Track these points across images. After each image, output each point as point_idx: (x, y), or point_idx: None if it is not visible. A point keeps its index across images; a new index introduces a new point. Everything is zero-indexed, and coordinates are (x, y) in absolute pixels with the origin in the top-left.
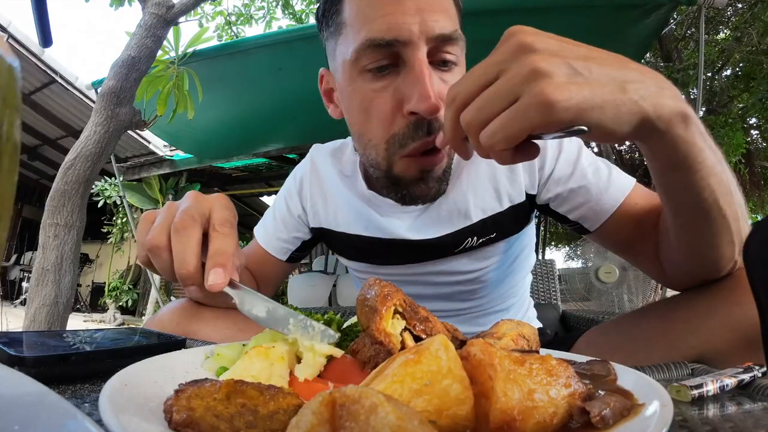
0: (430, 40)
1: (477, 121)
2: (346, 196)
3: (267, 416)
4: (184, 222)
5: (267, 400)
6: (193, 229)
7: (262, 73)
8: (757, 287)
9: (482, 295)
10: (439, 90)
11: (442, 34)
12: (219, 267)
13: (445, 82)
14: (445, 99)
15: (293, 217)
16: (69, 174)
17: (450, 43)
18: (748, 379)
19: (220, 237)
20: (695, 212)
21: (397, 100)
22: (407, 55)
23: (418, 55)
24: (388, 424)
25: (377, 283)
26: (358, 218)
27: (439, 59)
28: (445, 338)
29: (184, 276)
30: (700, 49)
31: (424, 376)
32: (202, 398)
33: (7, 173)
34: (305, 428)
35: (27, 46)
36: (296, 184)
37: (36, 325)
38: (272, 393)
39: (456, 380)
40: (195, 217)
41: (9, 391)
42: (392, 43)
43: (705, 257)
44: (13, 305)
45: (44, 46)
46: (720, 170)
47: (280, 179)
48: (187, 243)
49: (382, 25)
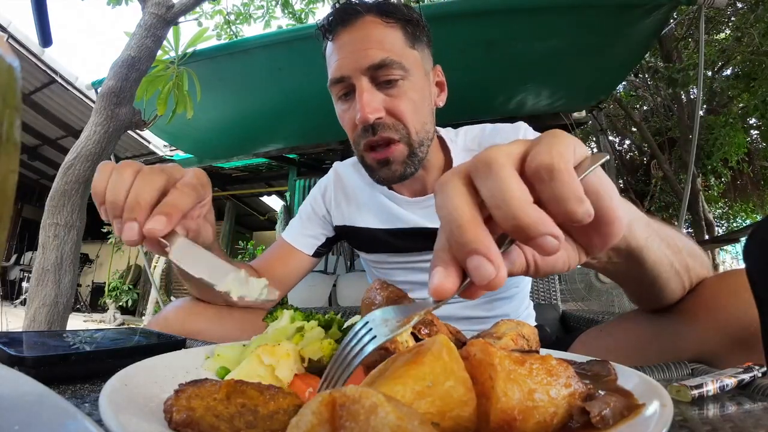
0: (365, 71)
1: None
2: (369, 195)
3: (267, 416)
4: (153, 170)
5: (267, 400)
6: (158, 176)
7: (262, 73)
8: (757, 287)
9: None
10: (385, 104)
11: (372, 64)
12: (163, 215)
13: (392, 96)
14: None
15: (318, 216)
16: (69, 174)
17: (384, 68)
18: (748, 379)
19: (176, 192)
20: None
21: (353, 116)
22: (354, 84)
23: (359, 84)
24: (388, 424)
25: (384, 287)
26: (379, 213)
27: (381, 81)
28: (446, 338)
29: (133, 206)
30: (700, 49)
31: (426, 378)
32: (202, 398)
33: (7, 173)
34: (305, 428)
35: (27, 46)
36: (321, 190)
37: (36, 325)
38: (272, 393)
39: (459, 381)
40: (164, 170)
41: (9, 391)
42: (342, 79)
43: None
44: (13, 305)
45: (44, 46)
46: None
47: (280, 179)
48: (149, 183)
49: (335, 67)
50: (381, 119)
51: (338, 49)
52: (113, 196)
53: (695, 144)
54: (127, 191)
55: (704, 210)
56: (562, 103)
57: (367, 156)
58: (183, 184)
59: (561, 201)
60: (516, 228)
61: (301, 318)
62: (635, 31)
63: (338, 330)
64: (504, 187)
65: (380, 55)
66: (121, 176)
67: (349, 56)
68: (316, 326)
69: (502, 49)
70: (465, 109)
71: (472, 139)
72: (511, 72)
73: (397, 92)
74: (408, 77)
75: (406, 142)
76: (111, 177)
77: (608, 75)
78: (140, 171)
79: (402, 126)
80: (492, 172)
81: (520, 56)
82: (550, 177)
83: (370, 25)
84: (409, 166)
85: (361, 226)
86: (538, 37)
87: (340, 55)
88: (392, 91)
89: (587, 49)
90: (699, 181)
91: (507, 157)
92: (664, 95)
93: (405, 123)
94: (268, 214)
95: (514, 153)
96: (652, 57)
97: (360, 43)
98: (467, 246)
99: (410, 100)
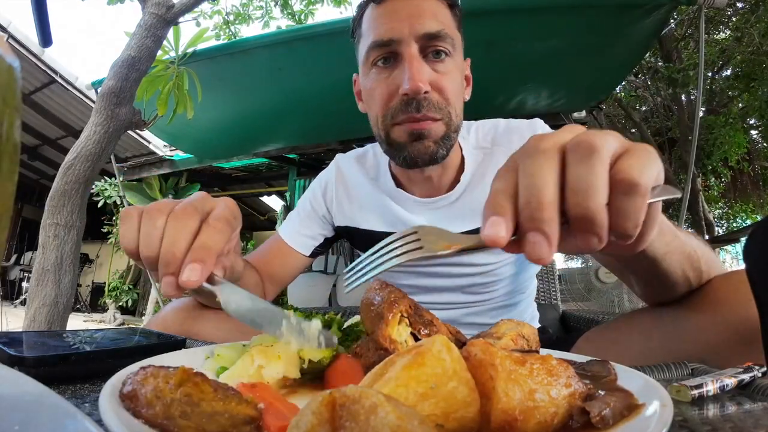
0: (418, 38)
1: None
2: (372, 195)
3: (206, 414)
4: (185, 210)
5: (216, 399)
6: (191, 218)
7: (262, 73)
8: (757, 287)
9: (494, 288)
10: (431, 77)
11: (427, 32)
12: (197, 263)
13: (438, 72)
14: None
15: (318, 215)
16: (69, 174)
17: (437, 39)
18: (748, 379)
19: (208, 230)
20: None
21: (395, 84)
22: (401, 51)
23: (408, 51)
24: (388, 424)
25: (383, 287)
26: (383, 215)
27: (430, 52)
28: (445, 338)
29: (169, 260)
30: (700, 49)
31: (429, 380)
32: (156, 378)
33: (7, 173)
34: (305, 428)
35: (27, 46)
36: (321, 187)
37: (36, 325)
38: (227, 395)
39: (462, 382)
40: (197, 208)
41: (9, 391)
42: (389, 43)
43: (658, 298)
44: (13, 305)
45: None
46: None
47: (280, 179)
48: (182, 229)
49: (382, 30)
50: (428, 93)
51: (389, 12)
52: (148, 251)
53: (695, 144)
54: (160, 240)
55: (704, 210)
56: (562, 103)
57: (399, 129)
58: (215, 218)
59: (624, 217)
60: (580, 218)
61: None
62: (635, 31)
63: (338, 330)
64: (592, 182)
65: (437, 25)
66: (153, 225)
67: (404, 20)
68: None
69: (502, 49)
70: (465, 109)
71: (484, 136)
72: (511, 72)
73: (443, 68)
74: (454, 56)
75: (446, 122)
76: (142, 229)
77: (608, 75)
78: (171, 214)
79: (445, 104)
80: (591, 161)
81: (520, 56)
82: (627, 194)
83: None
84: (442, 148)
85: (364, 228)
86: (538, 37)
87: (391, 17)
88: (439, 66)
89: (587, 49)
90: (699, 181)
91: (607, 153)
92: (664, 95)
93: (448, 101)
94: (268, 214)
95: (612, 149)
96: (652, 57)
97: (416, 10)
98: (537, 222)
99: (454, 80)
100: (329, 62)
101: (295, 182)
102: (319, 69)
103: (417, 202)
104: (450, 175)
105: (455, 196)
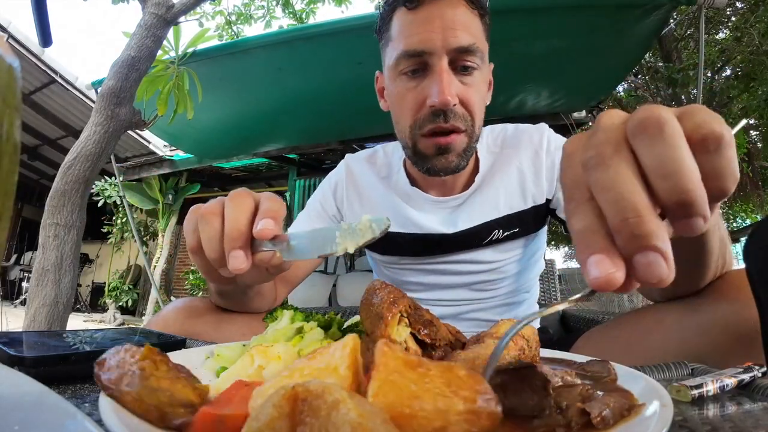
0: (450, 52)
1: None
2: (383, 195)
3: (150, 387)
4: (240, 193)
5: (165, 377)
6: (247, 198)
7: (262, 73)
8: (757, 287)
9: (500, 286)
10: (458, 90)
11: (460, 46)
12: (269, 218)
13: (466, 84)
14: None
15: (328, 216)
16: (69, 174)
17: (468, 54)
18: (748, 379)
19: (267, 202)
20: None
21: (423, 95)
22: (432, 63)
23: (439, 63)
24: (348, 421)
25: (383, 287)
26: (395, 216)
27: (459, 66)
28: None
29: (235, 236)
30: (700, 49)
31: (312, 373)
32: (127, 351)
33: (7, 173)
34: (265, 421)
35: (27, 46)
36: (331, 187)
37: (36, 325)
38: (178, 377)
39: (341, 378)
40: (249, 192)
41: (9, 391)
42: (421, 54)
43: (692, 285)
44: (13, 305)
45: (44, 46)
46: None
47: (280, 179)
48: (241, 206)
49: (415, 40)
50: (455, 106)
51: (422, 21)
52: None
53: None
54: (220, 228)
55: None
56: (562, 103)
57: (426, 141)
58: (266, 198)
59: (721, 177)
60: (682, 204)
61: (300, 318)
62: (635, 31)
63: (338, 330)
64: (678, 156)
65: (469, 39)
66: (211, 213)
67: (437, 32)
68: (315, 327)
69: (502, 49)
70: None
71: (494, 140)
72: (511, 72)
73: (470, 81)
74: (481, 69)
75: (469, 134)
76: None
77: (608, 75)
78: (226, 200)
79: (469, 117)
80: (664, 137)
81: (520, 56)
82: (716, 149)
83: (461, 7)
84: (463, 159)
85: None
86: (538, 37)
87: (424, 28)
88: (467, 79)
89: (587, 49)
90: None
91: (675, 122)
92: (664, 95)
93: (473, 115)
94: None
95: (674, 116)
96: (652, 57)
97: (450, 22)
98: (643, 240)
99: (479, 92)
100: (329, 62)
101: (295, 182)
102: (320, 69)
103: (430, 201)
104: (465, 177)
105: (466, 196)
